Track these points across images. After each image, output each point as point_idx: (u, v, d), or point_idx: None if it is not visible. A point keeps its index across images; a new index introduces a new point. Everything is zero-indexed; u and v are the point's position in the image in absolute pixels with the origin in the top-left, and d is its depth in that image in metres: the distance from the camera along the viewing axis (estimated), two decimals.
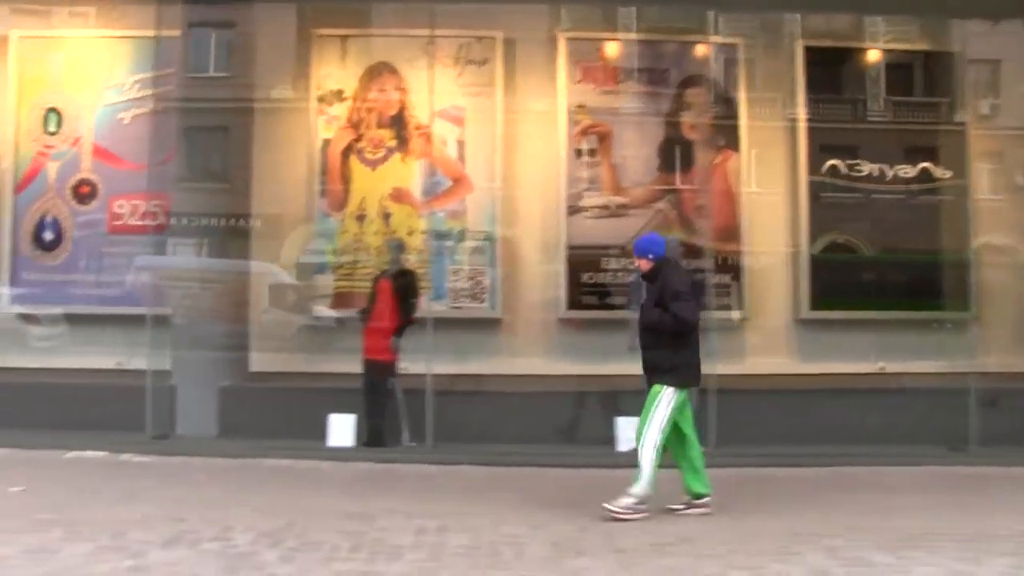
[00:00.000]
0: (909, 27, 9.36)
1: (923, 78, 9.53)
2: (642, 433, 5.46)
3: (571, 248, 8.94)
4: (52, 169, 9.17)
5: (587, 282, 8.95)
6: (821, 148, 9.11)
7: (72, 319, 9.10)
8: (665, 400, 5.46)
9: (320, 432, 7.78)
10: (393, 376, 7.78)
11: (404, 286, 7.84)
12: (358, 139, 9.03)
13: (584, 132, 9.04)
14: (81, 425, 7.98)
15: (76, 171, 9.15)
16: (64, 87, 9.20)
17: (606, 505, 5.39)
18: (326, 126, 9.04)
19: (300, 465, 7.22)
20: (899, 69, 9.42)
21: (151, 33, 9.12)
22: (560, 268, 8.94)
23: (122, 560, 4.46)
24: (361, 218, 8.96)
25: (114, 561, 4.44)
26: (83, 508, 5.54)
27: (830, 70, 9.19)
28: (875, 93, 9.23)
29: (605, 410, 8.01)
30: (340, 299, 8.96)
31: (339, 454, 7.50)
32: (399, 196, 8.99)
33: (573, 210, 8.98)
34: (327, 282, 9.01)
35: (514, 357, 8.90)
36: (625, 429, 7.78)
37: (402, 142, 9.01)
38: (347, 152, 9.02)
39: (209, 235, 8.91)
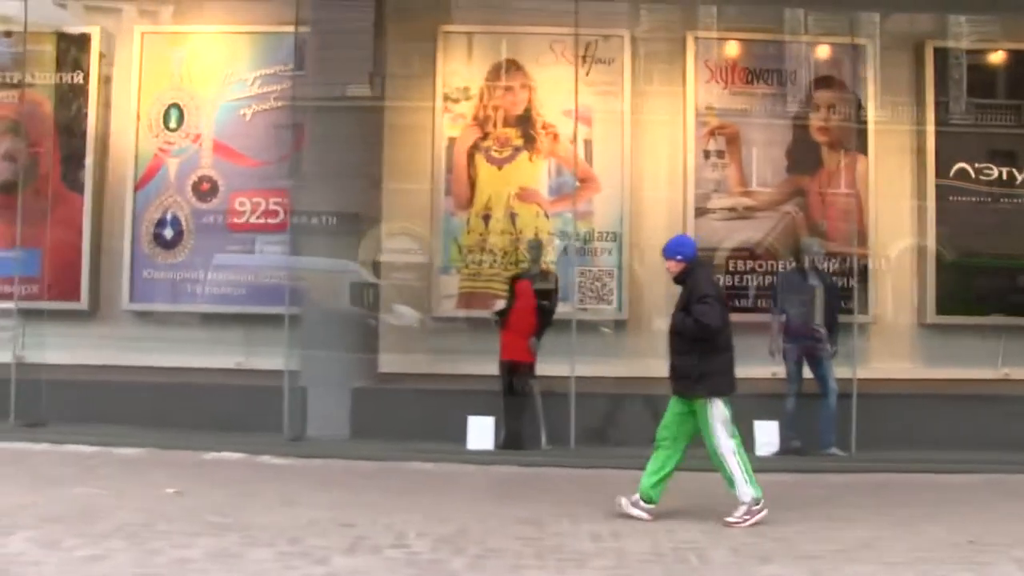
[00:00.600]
0: None
1: None
2: (714, 451, 5.36)
3: (698, 250, 8.76)
4: (172, 166, 9.04)
5: None
6: (949, 151, 8.97)
7: (190, 317, 8.99)
8: (715, 412, 5.34)
9: (452, 434, 7.61)
10: (532, 378, 7.66)
11: (544, 287, 7.71)
12: (484, 137, 8.90)
13: (712, 133, 8.91)
14: (209, 425, 7.88)
15: (196, 168, 9.01)
16: (185, 83, 9.07)
17: (727, 519, 5.27)
18: (452, 124, 8.90)
19: (442, 468, 7.10)
20: None
21: (274, 29, 9.02)
22: None
23: (311, 567, 4.33)
24: (487, 218, 8.83)
25: (303, 567, 4.33)
26: (247, 511, 5.41)
27: (959, 72, 9.04)
28: (1005, 96, 9.10)
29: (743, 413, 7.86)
30: (465, 299, 8.82)
31: (480, 457, 7.35)
32: (526, 196, 8.86)
33: (701, 212, 8.85)
34: (452, 282, 8.85)
35: (640, 359, 8.74)
36: (764, 433, 7.70)
37: (529, 141, 8.88)
38: (473, 151, 8.89)
39: (330, 233, 8.74)
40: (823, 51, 9.06)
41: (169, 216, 9.00)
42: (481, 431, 7.53)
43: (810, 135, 8.98)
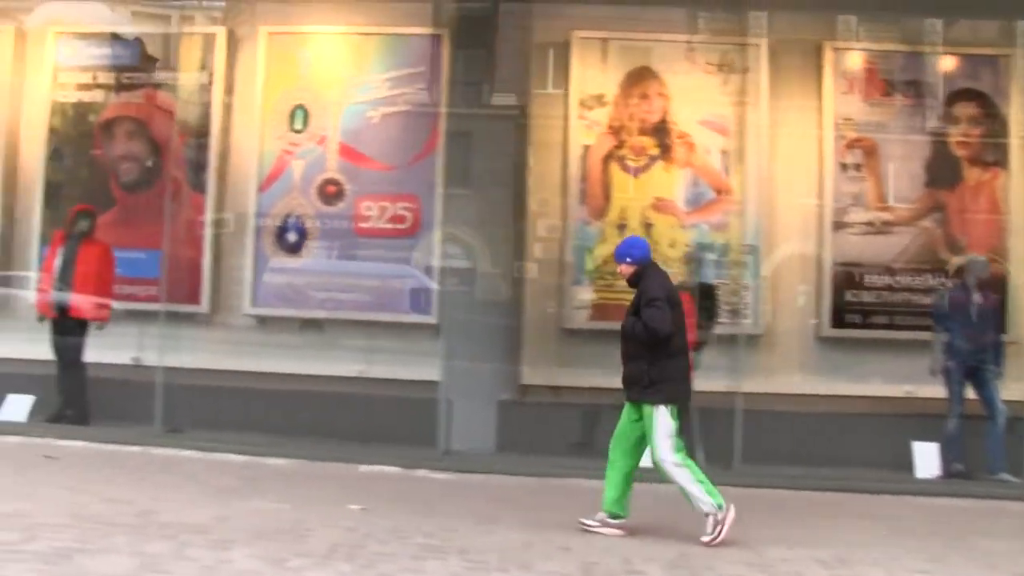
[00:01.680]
0: None
1: None
2: (659, 463, 5.14)
3: (836, 265, 8.55)
4: (297, 168, 8.80)
5: (851, 300, 8.56)
6: None
7: (312, 323, 8.74)
8: (661, 420, 5.12)
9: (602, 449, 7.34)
10: None
11: (705, 301, 7.46)
12: (619, 146, 8.66)
13: (850, 145, 8.66)
14: (347, 435, 7.66)
15: (322, 170, 8.78)
16: (311, 84, 8.85)
17: (703, 538, 5.01)
18: (586, 131, 8.66)
19: (595, 485, 6.81)
20: None
21: (402, 30, 8.82)
22: (824, 285, 8.54)
23: None
24: (622, 227, 8.57)
25: None
26: (449, 531, 5.11)
27: None
28: None
29: (897, 433, 7.62)
30: (599, 310, 8.56)
31: (638, 474, 7.04)
32: (661, 206, 8.61)
33: (838, 225, 8.59)
34: (585, 293, 8.59)
35: (774, 375, 8.50)
36: (923, 454, 7.46)
37: (664, 150, 8.63)
38: (608, 159, 8.64)
39: (454, 240, 8.52)
40: (963, 62, 8.79)
41: (293, 219, 8.76)
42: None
43: (949, 149, 8.71)
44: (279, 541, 4.71)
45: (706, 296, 7.57)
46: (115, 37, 9.15)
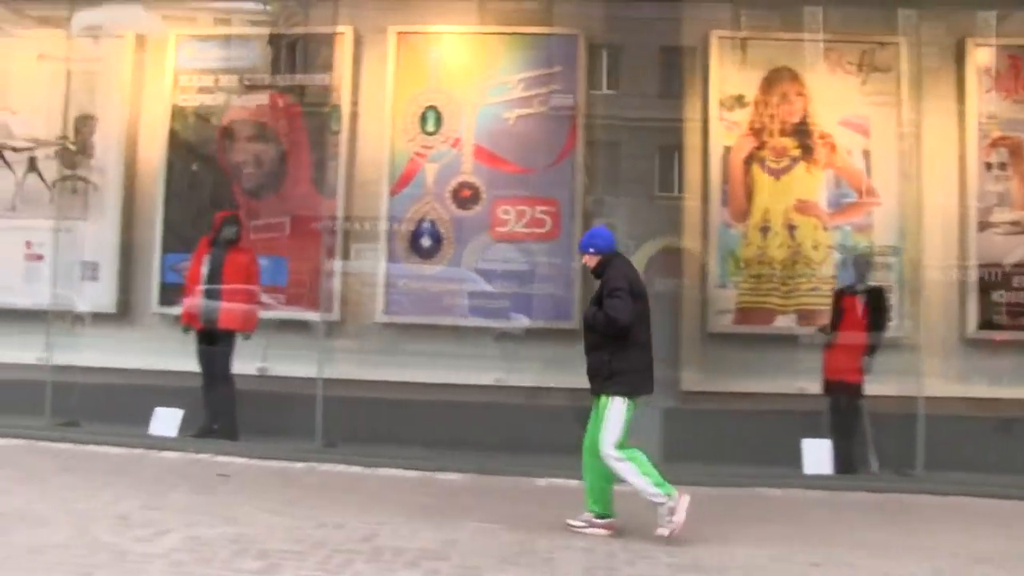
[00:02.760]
0: None
1: None
2: (601, 454, 5.09)
3: (981, 265, 8.36)
4: (430, 171, 8.55)
5: (998, 301, 8.37)
6: None
7: (446, 331, 8.48)
8: (613, 411, 5.08)
9: (773, 457, 7.17)
10: (860, 397, 7.21)
11: (874, 304, 7.26)
12: (760, 147, 8.43)
13: (994, 144, 8.46)
14: (498, 446, 7.42)
15: (456, 173, 8.53)
16: (442, 85, 8.59)
17: (658, 531, 5.01)
18: (727, 133, 8.44)
19: (791, 495, 6.65)
20: None
21: (536, 30, 8.58)
22: (970, 286, 8.35)
23: None
24: (765, 230, 8.36)
25: None
26: (681, 545, 4.95)
27: None
28: None
29: None
30: (743, 314, 8.34)
31: (818, 482, 6.89)
32: (804, 208, 8.39)
33: (983, 225, 8.39)
34: (729, 296, 8.37)
35: (919, 378, 8.29)
36: None
37: (806, 151, 8.41)
38: (749, 161, 8.42)
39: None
40: None
41: (427, 223, 8.50)
42: (818, 455, 7.05)
43: None
44: (528, 567, 4.52)
45: (875, 299, 7.35)
46: (237, 39, 8.88)
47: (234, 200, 8.71)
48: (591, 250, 5.33)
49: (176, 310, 8.64)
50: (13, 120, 9.12)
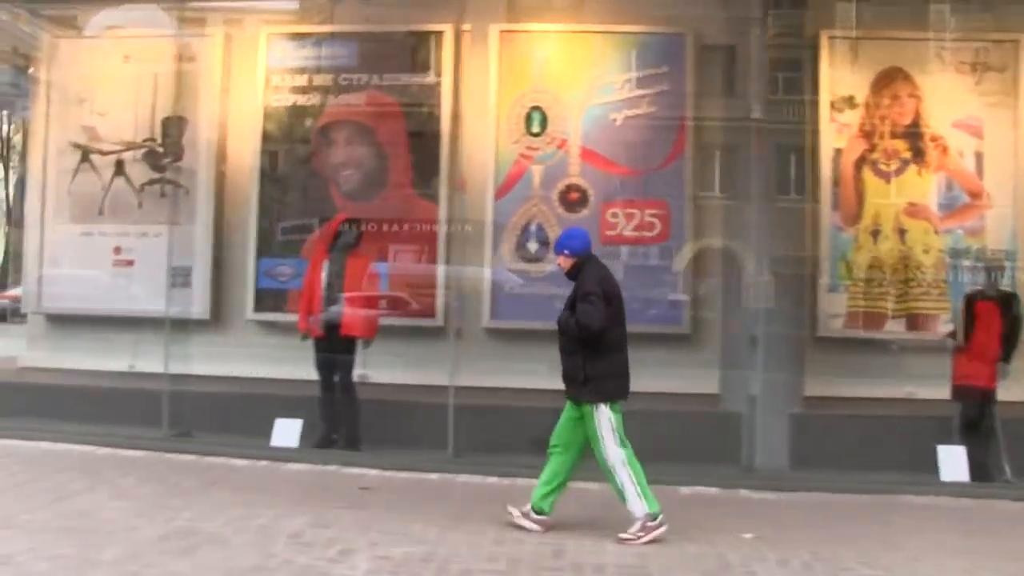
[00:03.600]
0: None
1: None
2: (603, 460, 5.10)
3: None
4: (537, 172, 8.33)
5: None
6: None
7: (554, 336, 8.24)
8: (602, 418, 5.07)
9: (902, 463, 7.02)
10: (992, 403, 7.06)
11: (1010, 309, 7.12)
12: (871, 149, 8.26)
13: None
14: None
15: (563, 175, 8.31)
16: (547, 85, 8.36)
17: (621, 535, 5.01)
18: (837, 135, 8.26)
19: (933, 502, 6.50)
20: None
21: (643, 29, 8.37)
22: None
23: None
24: (875, 233, 8.20)
25: None
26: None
27: None
28: None
29: None
30: (853, 318, 8.18)
31: (958, 489, 6.73)
32: (915, 211, 8.22)
33: None
34: (839, 300, 8.20)
35: None
36: None
37: (917, 154, 8.25)
38: (860, 163, 8.25)
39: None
40: None
41: (534, 227, 8.29)
42: (955, 461, 6.89)
43: None
44: None
45: (1010, 304, 7.20)
46: (331, 36, 8.61)
47: (332, 203, 8.45)
48: (565, 252, 5.26)
49: (271, 316, 8.45)
50: (100, 122, 8.84)
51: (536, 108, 8.32)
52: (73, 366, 8.69)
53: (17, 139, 25.72)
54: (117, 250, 8.75)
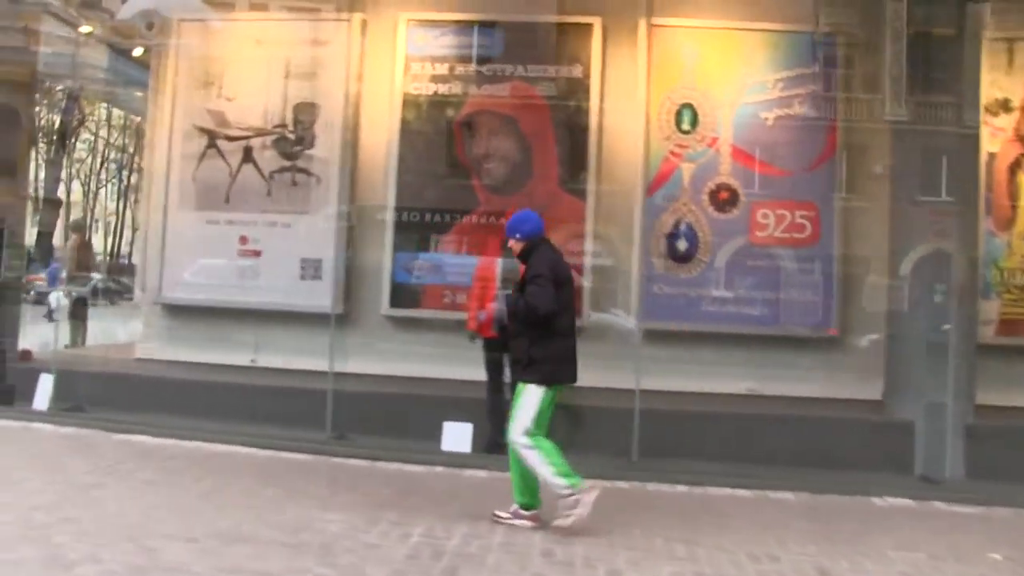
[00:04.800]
0: None
1: None
2: (509, 439, 4.94)
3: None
4: (687, 171, 8.06)
5: None
6: None
7: (700, 338, 8.02)
8: (531, 399, 4.89)
9: None
10: None
11: None
12: None
13: None
14: (789, 460, 6.98)
15: (714, 174, 8.05)
16: (698, 82, 8.08)
17: (556, 523, 4.83)
18: (991, 139, 8.05)
19: None
20: None
21: (794, 28, 8.10)
22: None
23: None
24: None
25: None
26: None
27: None
28: None
29: None
30: (1007, 326, 8.00)
31: None
32: None
33: None
34: (992, 307, 8.02)
35: None
36: None
37: None
38: (1014, 168, 8.06)
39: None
40: None
41: (683, 226, 8.02)
42: None
43: None
44: None
45: None
46: (473, 24, 8.26)
47: (474, 196, 8.14)
48: (517, 235, 5.09)
49: (408, 312, 8.12)
50: (228, 107, 8.45)
51: (687, 105, 8.05)
52: (191, 358, 8.36)
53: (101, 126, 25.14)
54: (243, 240, 8.37)
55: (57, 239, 17.01)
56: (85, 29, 8.92)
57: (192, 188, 8.48)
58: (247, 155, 8.38)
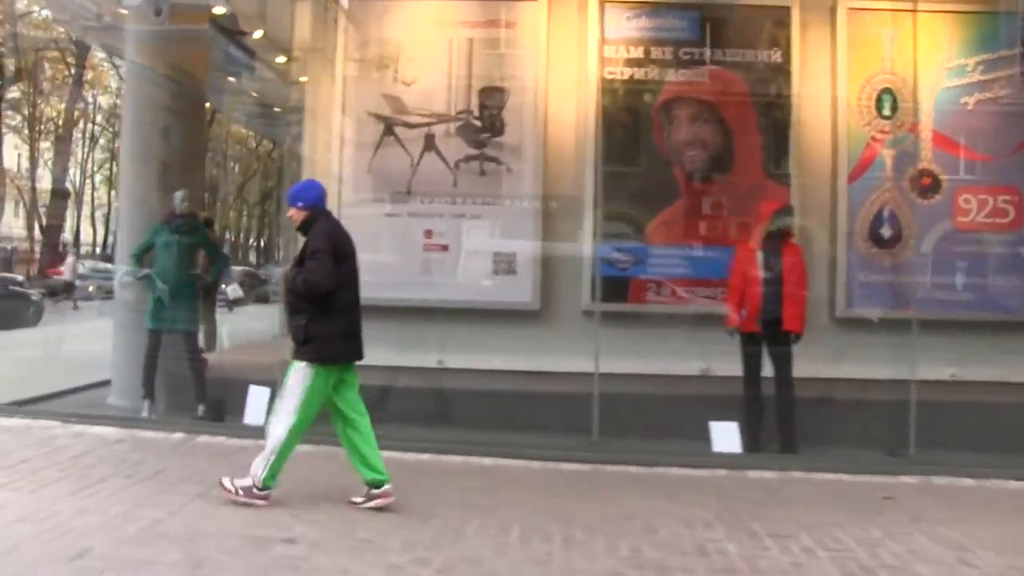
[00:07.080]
0: None
1: None
2: (273, 412, 4.83)
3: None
4: (888, 157, 7.80)
5: None
6: None
7: (906, 325, 7.79)
8: (301, 379, 4.71)
9: None
10: None
11: None
12: None
13: None
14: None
15: (915, 160, 7.80)
16: (896, 66, 7.82)
17: (223, 480, 4.75)
18: None
19: None
20: None
21: (996, 8, 7.90)
22: None
23: None
24: None
25: None
26: None
27: None
28: None
29: None
30: None
31: None
32: None
33: None
34: None
35: None
36: None
37: None
38: None
39: None
40: None
41: (887, 212, 7.78)
42: None
43: None
44: None
45: None
46: (669, 7, 7.80)
47: (676, 184, 7.73)
48: (299, 204, 4.83)
49: (614, 307, 7.66)
50: (407, 93, 7.78)
51: (887, 90, 7.78)
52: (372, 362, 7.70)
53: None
54: (428, 233, 7.76)
55: None
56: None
57: (368, 179, 7.80)
58: (429, 143, 7.75)
